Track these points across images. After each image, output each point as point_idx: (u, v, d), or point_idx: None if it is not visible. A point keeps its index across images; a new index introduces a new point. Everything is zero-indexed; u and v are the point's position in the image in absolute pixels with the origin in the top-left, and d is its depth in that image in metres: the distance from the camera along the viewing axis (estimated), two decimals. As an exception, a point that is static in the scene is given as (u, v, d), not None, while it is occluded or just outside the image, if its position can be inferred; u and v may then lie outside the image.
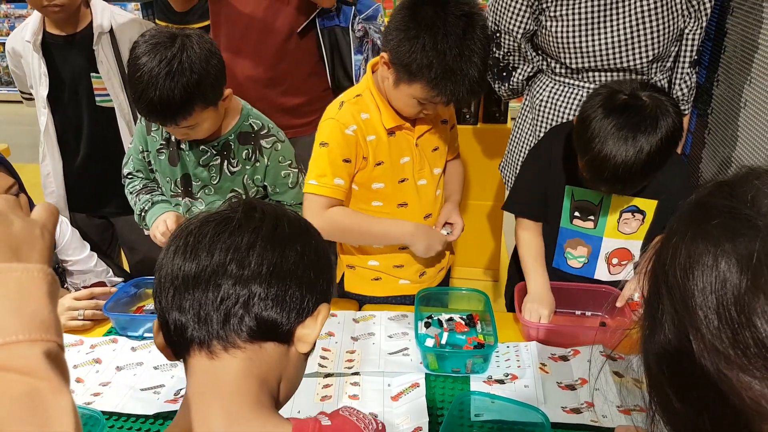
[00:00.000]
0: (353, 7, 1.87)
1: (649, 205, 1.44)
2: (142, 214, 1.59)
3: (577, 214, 1.51)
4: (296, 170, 1.60)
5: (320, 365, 1.28)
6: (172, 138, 1.54)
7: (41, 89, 1.94)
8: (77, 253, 1.61)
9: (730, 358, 0.42)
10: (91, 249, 1.70)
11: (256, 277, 0.68)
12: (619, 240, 1.48)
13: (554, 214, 1.54)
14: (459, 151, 1.66)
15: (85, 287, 1.55)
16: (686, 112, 1.69)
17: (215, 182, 1.57)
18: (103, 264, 1.70)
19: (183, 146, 1.54)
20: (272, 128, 1.58)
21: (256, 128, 1.55)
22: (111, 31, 1.92)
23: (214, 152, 1.54)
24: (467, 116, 2.65)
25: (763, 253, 0.42)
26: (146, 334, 1.42)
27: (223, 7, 1.89)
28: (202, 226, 0.71)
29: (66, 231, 1.59)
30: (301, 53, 1.89)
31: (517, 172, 1.73)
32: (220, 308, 0.67)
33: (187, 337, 0.69)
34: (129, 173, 1.68)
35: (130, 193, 1.67)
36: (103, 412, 1.14)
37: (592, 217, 1.49)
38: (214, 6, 1.92)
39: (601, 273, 1.52)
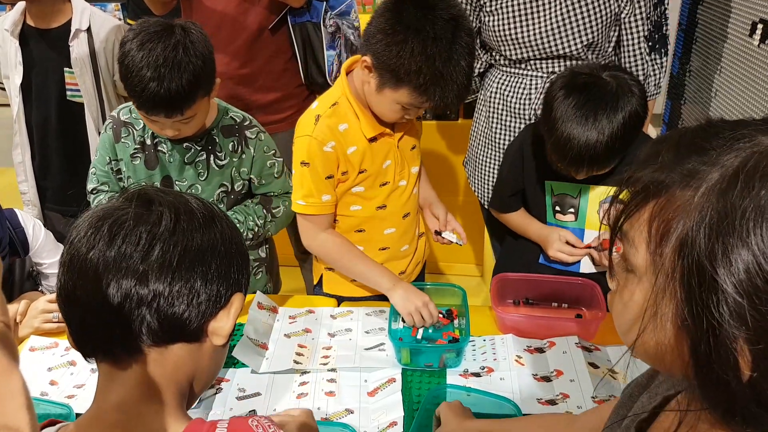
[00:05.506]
0: (324, 3, 1.87)
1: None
2: None
3: (557, 208, 1.51)
4: (280, 159, 1.60)
5: (296, 362, 1.28)
6: (148, 141, 1.53)
7: (15, 77, 2.01)
8: (52, 255, 1.59)
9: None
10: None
11: (158, 274, 0.65)
12: (601, 231, 1.48)
13: (538, 212, 1.55)
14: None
15: (60, 289, 1.53)
16: (649, 98, 1.69)
17: (203, 178, 1.56)
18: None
19: (161, 148, 1.53)
20: (252, 120, 1.59)
21: (238, 120, 1.56)
22: (89, 30, 1.99)
23: (199, 148, 1.53)
24: (448, 112, 2.65)
25: None
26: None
27: (194, 5, 1.88)
28: (98, 223, 0.67)
29: (39, 234, 1.57)
30: (273, 50, 1.89)
31: (479, 167, 1.85)
32: (121, 310, 0.65)
33: (89, 340, 0.68)
34: (94, 188, 1.62)
35: None
36: (77, 415, 1.13)
37: (572, 210, 1.50)
38: (185, 4, 1.92)
39: (586, 266, 1.52)
